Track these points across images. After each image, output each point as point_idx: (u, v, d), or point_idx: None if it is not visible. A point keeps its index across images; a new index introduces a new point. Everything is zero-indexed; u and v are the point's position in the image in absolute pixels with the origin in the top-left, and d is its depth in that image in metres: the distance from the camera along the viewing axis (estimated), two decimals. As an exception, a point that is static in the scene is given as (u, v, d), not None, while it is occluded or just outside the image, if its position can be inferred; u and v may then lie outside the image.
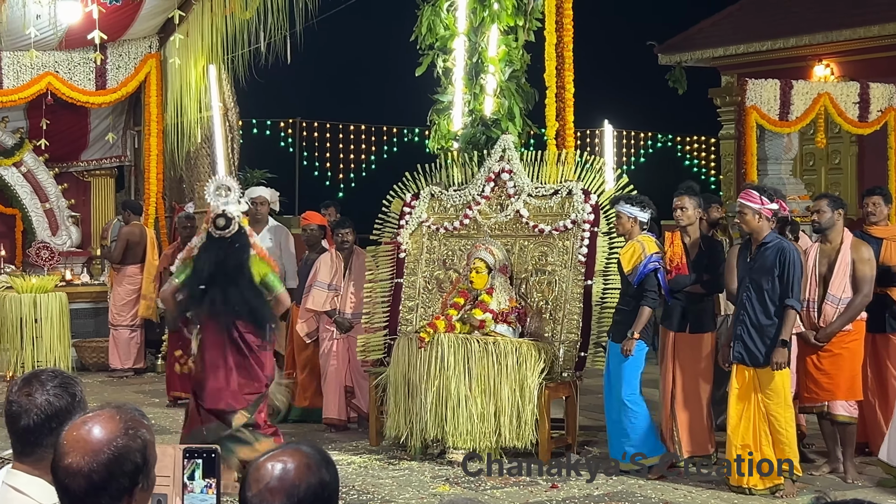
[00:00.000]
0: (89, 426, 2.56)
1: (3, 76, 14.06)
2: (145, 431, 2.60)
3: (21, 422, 2.94)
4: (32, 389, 2.97)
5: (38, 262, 14.09)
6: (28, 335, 12.73)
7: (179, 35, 13.60)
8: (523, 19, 9.76)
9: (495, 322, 8.55)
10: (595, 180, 9.01)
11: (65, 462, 2.53)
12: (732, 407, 7.54)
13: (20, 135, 14.86)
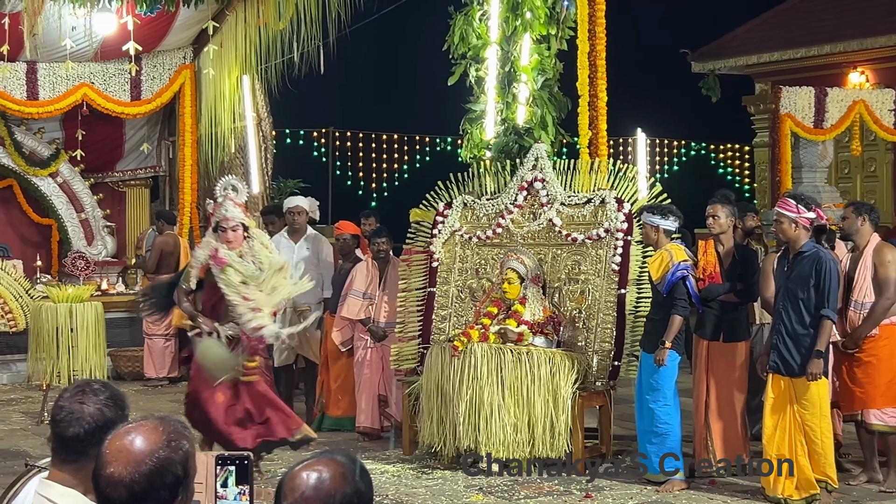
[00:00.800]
0: (132, 437, 2.57)
1: (40, 87, 14.18)
2: (187, 443, 2.61)
3: (71, 429, 2.95)
4: (86, 398, 2.98)
5: (73, 272, 14.18)
6: (64, 344, 12.79)
7: (213, 46, 13.69)
8: (556, 28, 9.76)
9: (533, 334, 8.52)
10: (628, 189, 8.98)
11: (107, 471, 2.54)
12: (768, 416, 7.49)
13: (56, 145, 14.99)
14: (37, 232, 15.29)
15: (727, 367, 8.20)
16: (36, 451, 9.19)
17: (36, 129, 14.91)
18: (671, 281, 7.89)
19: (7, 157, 14.55)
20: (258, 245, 8.18)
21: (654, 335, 8.02)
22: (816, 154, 15.98)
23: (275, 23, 13.11)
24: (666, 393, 7.96)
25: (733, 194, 8.73)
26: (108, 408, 2.97)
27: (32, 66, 14.10)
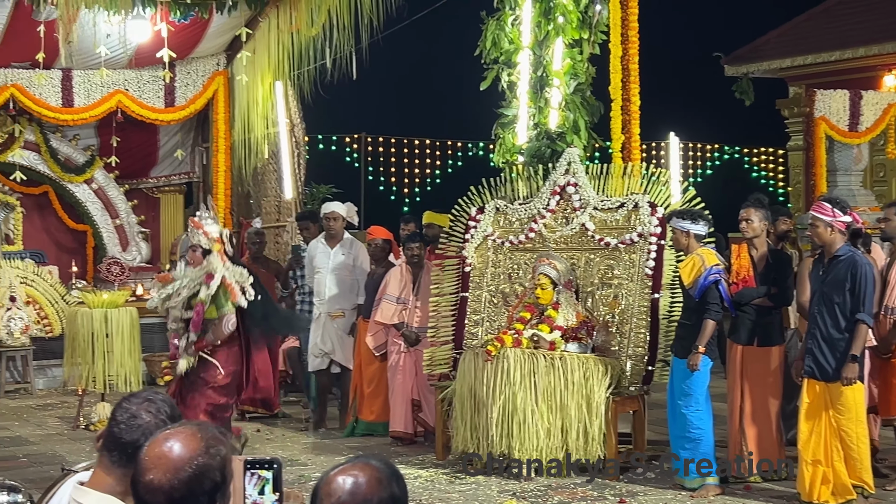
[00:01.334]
0: (171, 443, 2.59)
1: (75, 94, 14.31)
2: (224, 449, 2.62)
3: (130, 435, 2.93)
4: (151, 408, 2.97)
5: (108, 278, 14.28)
6: (99, 350, 12.87)
7: (246, 52, 13.76)
8: (588, 32, 9.74)
9: (565, 341, 8.50)
10: (661, 193, 8.94)
11: (146, 478, 2.56)
12: (803, 422, 7.44)
13: (91, 152, 15.11)
14: (72, 238, 15.41)
15: (762, 371, 8.15)
16: (71, 455, 9.25)
17: (71, 136, 15.04)
18: (703, 285, 7.86)
19: (43, 164, 14.68)
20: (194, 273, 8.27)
21: (685, 340, 7.99)
22: (851, 157, 15.87)
23: (307, 29, 13.16)
24: (698, 398, 7.92)
25: (766, 198, 8.68)
26: (166, 426, 2.98)
27: (67, 74, 14.23)
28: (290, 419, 11.27)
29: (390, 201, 21.10)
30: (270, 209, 14.71)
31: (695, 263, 7.91)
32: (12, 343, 12.90)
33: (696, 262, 7.91)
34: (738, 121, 20.70)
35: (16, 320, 12.95)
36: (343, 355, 10.58)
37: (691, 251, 8.03)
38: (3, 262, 13.39)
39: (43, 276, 13.53)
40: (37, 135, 14.61)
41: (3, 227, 14.60)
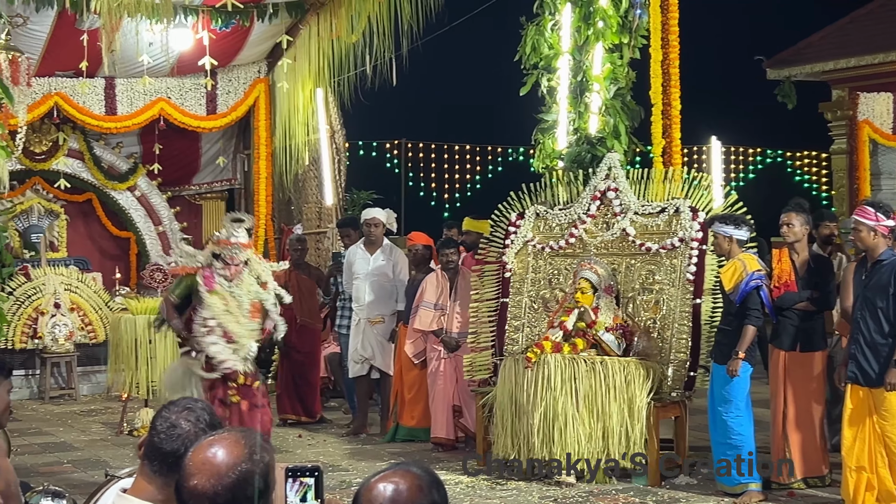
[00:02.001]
0: (215, 449, 2.61)
1: (118, 103, 14.44)
2: (267, 456, 2.64)
3: (170, 444, 2.96)
4: (191, 417, 2.99)
5: (151, 284, 14.37)
6: (143, 356, 12.97)
7: (287, 59, 13.84)
8: (628, 37, 9.71)
9: (605, 330, 8.50)
10: (703, 197, 8.89)
11: (190, 483, 2.58)
12: (847, 427, 7.37)
13: (134, 160, 15.24)
14: (115, 245, 15.55)
15: (805, 377, 8.09)
16: (115, 461, 9.32)
17: (114, 144, 15.17)
18: (744, 291, 7.81)
19: (86, 172, 14.83)
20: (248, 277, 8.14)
21: (725, 346, 7.94)
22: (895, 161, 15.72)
23: (347, 36, 13.21)
24: (738, 404, 7.87)
25: (807, 203, 8.62)
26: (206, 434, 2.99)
27: (111, 82, 14.36)
28: (332, 425, 11.30)
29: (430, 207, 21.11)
30: (311, 215, 14.76)
31: (736, 269, 7.86)
32: (57, 349, 13.03)
33: (738, 268, 7.85)
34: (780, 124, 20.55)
35: (60, 327, 13.08)
36: (383, 361, 10.61)
37: (733, 256, 7.97)
38: (47, 270, 13.52)
39: (87, 283, 13.66)
40: (80, 143, 14.76)
41: (48, 235, 14.75)
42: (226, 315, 7.94)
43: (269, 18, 13.77)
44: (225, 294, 8.00)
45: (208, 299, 7.94)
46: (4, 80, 9.91)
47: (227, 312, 7.95)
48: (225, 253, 8.06)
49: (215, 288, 8.00)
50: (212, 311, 7.93)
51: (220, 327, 7.92)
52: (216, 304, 7.94)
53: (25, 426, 11.32)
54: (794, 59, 17.34)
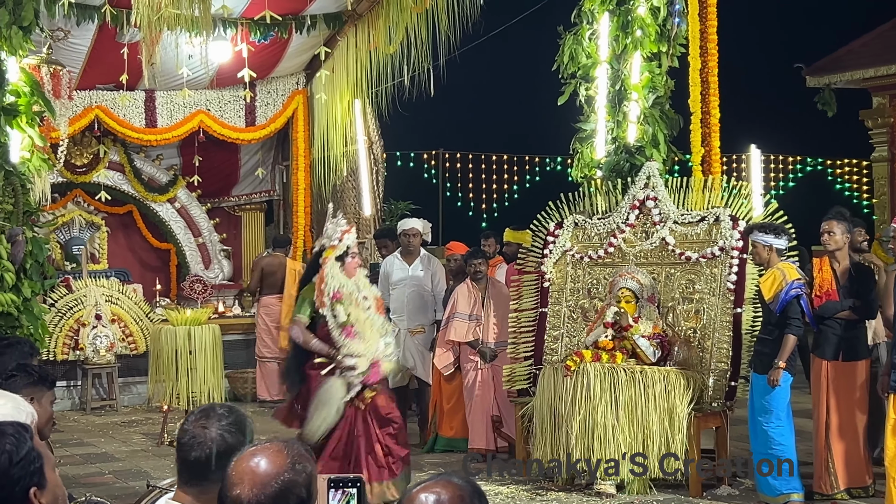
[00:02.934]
0: (258, 459, 2.62)
1: (158, 115, 14.55)
2: (310, 466, 2.65)
3: (193, 453, 3.01)
4: (209, 423, 3.04)
5: (191, 296, 14.47)
6: (183, 367, 13.07)
7: (325, 71, 13.88)
8: (666, 45, 9.67)
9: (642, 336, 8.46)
10: (743, 206, 8.84)
11: (234, 493, 2.59)
12: (890, 437, 7.29)
13: (174, 172, 15.34)
14: (156, 256, 15.65)
15: (848, 386, 8.01)
16: (156, 472, 9.37)
17: (154, 156, 15.29)
18: (784, 300, 7.75)
19: (127, 184, 14.95)
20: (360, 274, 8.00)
21: (766, 356, 7.88)
22: (937, 168, 15.56)
23: (385, 47, 13.24)
24: (779, 414, 7.81)
25: (848, 211, 8.55)
26: (231, 433, 3.03)
27: (151, 95, 14.48)
28: (371, 435, 11.29)
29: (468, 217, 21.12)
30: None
31: (775, 278, 7.80)
32: (98, 360, 13.12)
33: (777, 277, 7.80)
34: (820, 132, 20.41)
35: (101, 338, 13.17)
36: (424, 370, 10.61)
37: (772, 265, 7.92)
38: (88, 281, 13.63)
39: (127, 295, 13.76)
40: (121, 155, 14.88)
41: (89, 247, 14.88)
42: (358, 317, 7.72)
43: (308, 30, 13.83)
44: (352, 296, 7.79)
45: (333, 311, 7.70)
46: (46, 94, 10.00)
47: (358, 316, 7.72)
48: (345, 245, 7.86)
49: (341, 296, 7.77)
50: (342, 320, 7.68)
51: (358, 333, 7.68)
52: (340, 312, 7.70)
53: (67, 437, 11.40)
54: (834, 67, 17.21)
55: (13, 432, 2.70)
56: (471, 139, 21.56)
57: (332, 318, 7.71)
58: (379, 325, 7.87)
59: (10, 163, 8.84)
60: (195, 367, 13.10)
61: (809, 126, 19.94)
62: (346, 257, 7.88)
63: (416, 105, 13.08)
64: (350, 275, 7.88)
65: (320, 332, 7.82)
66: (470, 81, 18.52)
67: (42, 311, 9.28)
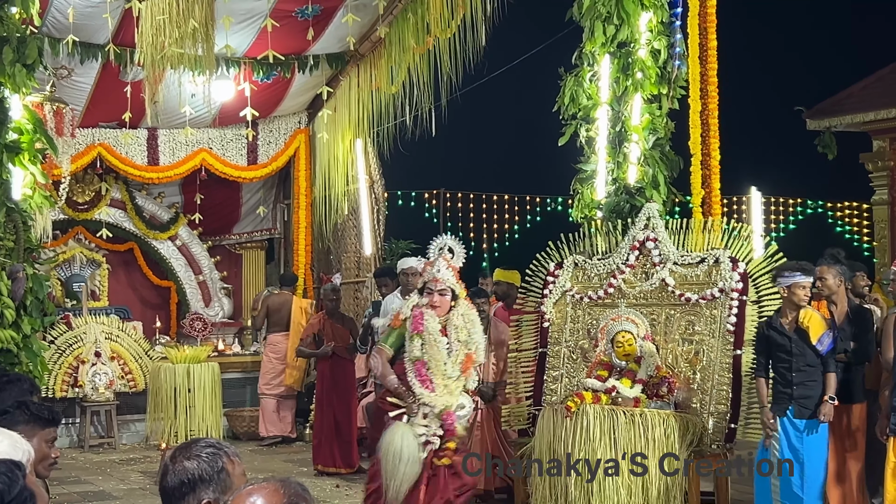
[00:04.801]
0: (254, 499, 2.62)
1: (160, 153, 14.62)
2: None
3: (162, 482, 3.06)
4: (181, 454, 3.08)
5: (191, 333, 14.47)
6: (182, 404, 13.06)
7: (327, 110, 13.95)
8: (667, 87, 9.71)
9: (648, 398, 8.37)
10: (743, 248, 8.84)
11: None
12: (890, 480, 7.26)
13: (175, 209, 15.38)
14: (156, 294, 15.65)
15: (843, 430, 7.98)
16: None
17: (156, 194, 15.33)
18: (832, 342, 7.75)
19: (128, 222, 14.98)
20: (461, 321, 7.47)
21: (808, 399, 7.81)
22: (937, 211, 15.60)
23: (387, 87, 13.32)
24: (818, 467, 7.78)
25: (843, 252, 8.56)
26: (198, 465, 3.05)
27: (153, 133, 14.55)
28: (369, 475, 11.25)
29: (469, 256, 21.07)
30: (350, 265, 14.82)
31: (817, 320, 7.79)
32: (97, 398, 13.11)
33: (817, 318, 7.79)
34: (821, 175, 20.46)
35: (100, 375, 13.16)
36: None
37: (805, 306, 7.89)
38: (88, 318, 13.63)
39: (127, 332, 13.76)
40: (123, 193, 14.93)
41: (90, 284, 14.88)
42: (434, 360, 7.19)
43: (310, 70, 13.92)
44: (433, 337, 7.28)
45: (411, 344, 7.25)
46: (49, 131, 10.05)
47: (435, 358, 7.19)
48: (429, 275, 7.38)
49: (422, 329, 7.28)
50: (416, 355, 7.23)
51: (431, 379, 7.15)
52: (415, 347, 7.25)
53: (65, 475, 11.35)
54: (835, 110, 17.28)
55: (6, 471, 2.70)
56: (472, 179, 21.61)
57: (409, 351, 7.27)
58: (456, 379, 7.34)
59: (11, 199, 8.87)
60: (194, 405, 13.09)
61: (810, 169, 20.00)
62: (425, 291, 7.49)
63: (417, 145, 13.14)
64: (437, 312, 7.41)
65: (398, 369, 7.43)
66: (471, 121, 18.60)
67: (42, 348, 9.27)
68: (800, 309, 7.84)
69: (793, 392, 7.83)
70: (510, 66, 14.70)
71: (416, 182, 20.90)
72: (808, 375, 7.83)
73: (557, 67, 10.07)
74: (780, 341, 7.87)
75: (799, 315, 7.81)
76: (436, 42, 12.20)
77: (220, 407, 13.39)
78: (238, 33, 12.50)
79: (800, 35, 23.24)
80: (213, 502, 2.95)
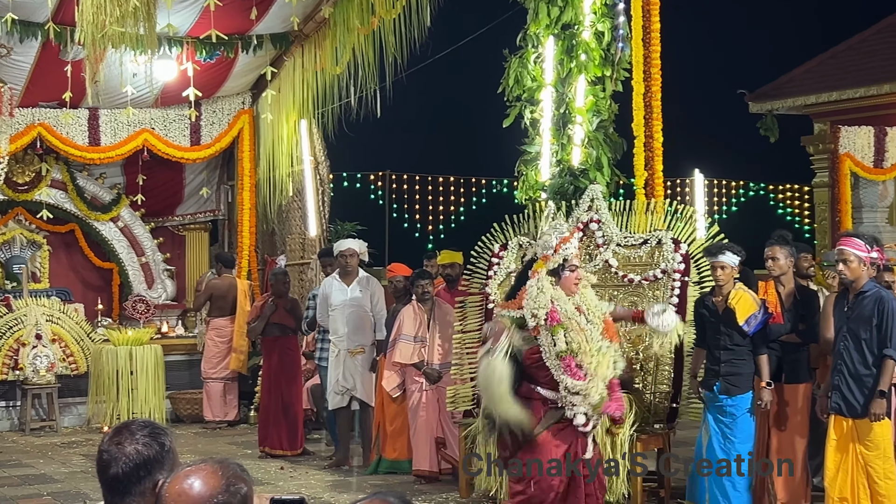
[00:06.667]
0: (192, 480, 2.60)
1: (101, 133, 14.44)
2: (245, 487, 2.63)
3: (110, 470, 2.98)
4: (122, 439, 3.02)
5: (134, 315, 14.35)
6: (124, 387, 12.95)
7: (272, 91, 13.86)
8: (610, 70, 9.75)
9: None
10: (685, 229, 8.91)
11: None
12: (830, 458, 7.37)
13: (117, 190, 15.22)
14: (98, 276, 15.49)
15: (789, 409, 8.08)
16: (96, 493, 9.22)
17: (98, 175, 15.15)
18: (761, 322, 7.83)
19: (69, 203, 14.79)
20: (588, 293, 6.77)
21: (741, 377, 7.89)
22: (876, 194, 15.81)
23: (332, 67, 13.25)
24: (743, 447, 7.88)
25: (790, 234, 8.64)
26: (146, 446, 2.99)
27: (94, 113, 14.37)
28: (314, 457, 11.25)
29: (415, 238, 21.11)
30: (295, 247, 14.76)
31: (747, 300, 7.86)
32: (38, 381, 12.97)
33: (748, 299, 7.86)
34: (763, 157, 20.67)
35: (41, 358, 13.01)
36: (364, 391, 10.59)
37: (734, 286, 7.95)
38: (29, 300, 13.47)
39: (69, 314, 13.61)
40: (63, 173, 14.74)
41: (30, 266, 14.70)
42: (581, 346, 6.43)
43: (254, 50, 13.81)
44: (571, 320, 6.49)
45: (550, 340, 6.42)
46: (-13, 111, 9.91)
47: (581, 344, 6.43)
48: (564, 252, 6.62)
49: (559, 319, 6.45)
50: (561, 349, 6.39)
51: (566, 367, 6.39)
52: (560, 340, 6.40)
53: (5, 458, 11.23)
54: (776, 93, 17.47)
55: None
56: (417, 161, 21.59)
57: (549, 347, 6.44)
58: (610, 353, 6.55)
59: (-51, 180, 8.73)
60: (136, 388, 12.99)
61: (752, 151, 20.21)
62: (562, 271, 6.70)
63: (362, 126, 13.08)
64: (569, 292, 6.62)
65: (527, 360, 6.55)
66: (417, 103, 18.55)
67: (-20, 331, 9.16)
68: (721, 288, 7.94)
69: (720, 369, 7.95)
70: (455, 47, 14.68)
71: (362, 164, 20.85)
72: (735, 354, 7.93)
73: (502, 49, 10.08)
74: (712, 319, 8.01)
75: (730, 295, 7.91)
76: (380, 23, 12.15)
77: (162, 389, 13.29)
78: (180, 12, 12.36)
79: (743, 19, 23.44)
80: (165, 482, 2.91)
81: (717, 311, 8.01)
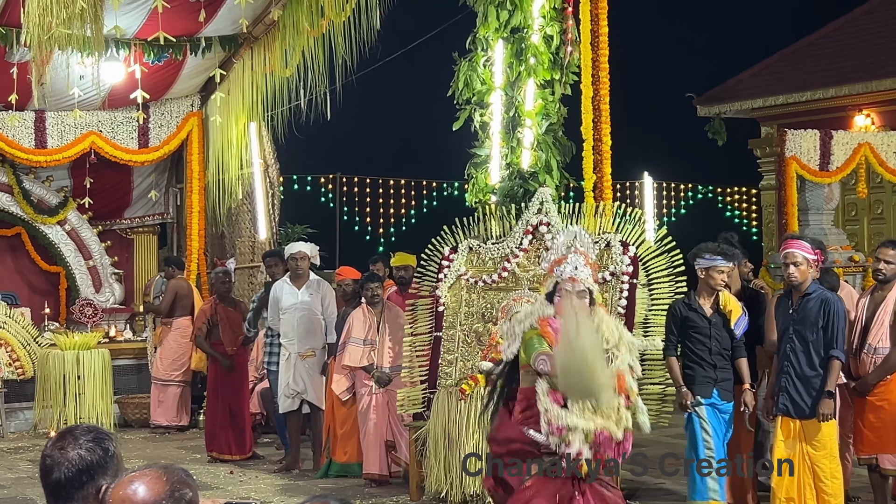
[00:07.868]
0: (136, 486, 2.58)
1: (48, 136, 14.28)
2: (190, 492, 2.61)
3: (53, 475, 2.97)
4: (66, 444, 2.99)
5: (81, 319, 14.20)
6: (71, 392, 12.82)
7: (220, 93, 13.78)
8: (560, 73, 9.80)
9: None
10: (633, 232, 8.96)
11: None
12: (776, 459, 7.44)
13: (64, 193, 15.06)
14: (45, 279, 15.33)
15: (736, 408, 8.15)
16: (42, 499, 9.13)
17: (44, 178, 14.99)
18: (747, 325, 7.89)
19: (15, 206, 14.61)
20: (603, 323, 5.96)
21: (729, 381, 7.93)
22: (822, 197, 16.01)
23: (281, 70, 13.20)
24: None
25: (736, 236, 8.71)
26: (90, 451, 2.98)
27: (41, 115, 14.21)
28: (264, 461, 11.20)
29: (365, 241, 21.08)
30: (245, 249, 14.69)
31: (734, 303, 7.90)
32: (-17, 386, 12.80)
33: (735, 302, 7.90)
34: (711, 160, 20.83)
35: (-13, 362, 12.84)
36: (315, 395, 10.57)
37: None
38: (-26, 305, 13.30)
39: (15, 318, 13.45)
40: (9, 176, 14.55)
41: (-25, 269, 14.51)
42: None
43: (203, 52, 13.73)
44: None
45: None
46: (-69, 113, 9.78)
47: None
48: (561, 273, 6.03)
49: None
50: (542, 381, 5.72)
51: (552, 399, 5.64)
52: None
53: (-51, 464, 11.09)
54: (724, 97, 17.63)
55: None
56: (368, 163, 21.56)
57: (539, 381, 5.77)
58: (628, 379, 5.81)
59: None
60: (84, 393, 12.86)
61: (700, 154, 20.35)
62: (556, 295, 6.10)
63: (312, 128, 13.05)
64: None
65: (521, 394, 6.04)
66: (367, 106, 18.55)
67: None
68: (716, 292, 7.93)
69: (717, 376, 7.84)
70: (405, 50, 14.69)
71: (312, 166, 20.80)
72: (726, 360, 7.91)
73: (452, 52, 10.10)
74: (700, 323, 7.89)
75: (720, 299, 7.92)
76: (330, 25, 12.11)
77: (110, 394, 13.17)
78: (128, 14, 12.26)
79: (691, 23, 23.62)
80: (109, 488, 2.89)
81: (706, 315, 7.91)
